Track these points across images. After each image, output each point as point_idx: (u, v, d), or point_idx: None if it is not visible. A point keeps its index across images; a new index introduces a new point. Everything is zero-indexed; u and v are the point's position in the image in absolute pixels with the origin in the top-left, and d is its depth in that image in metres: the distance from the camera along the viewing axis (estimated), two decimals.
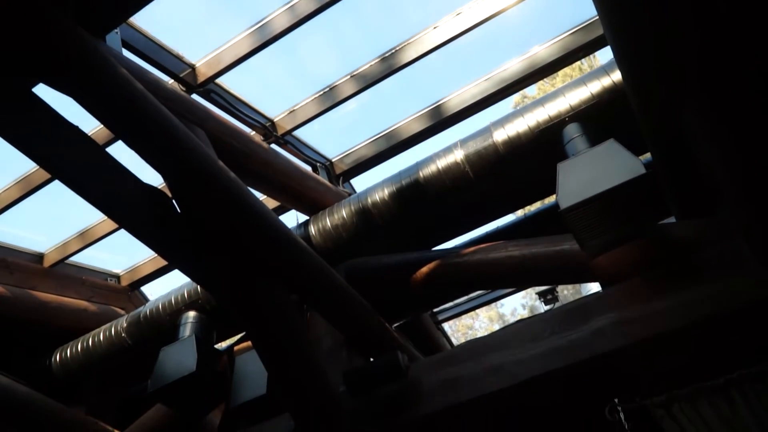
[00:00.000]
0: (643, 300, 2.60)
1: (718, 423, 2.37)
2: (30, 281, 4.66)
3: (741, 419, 2.34)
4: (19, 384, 4.07)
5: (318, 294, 3.14)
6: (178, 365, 3.48)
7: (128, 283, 5.25)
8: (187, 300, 4.02)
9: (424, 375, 2.93)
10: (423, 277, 3.45)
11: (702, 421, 2.38)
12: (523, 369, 2.68)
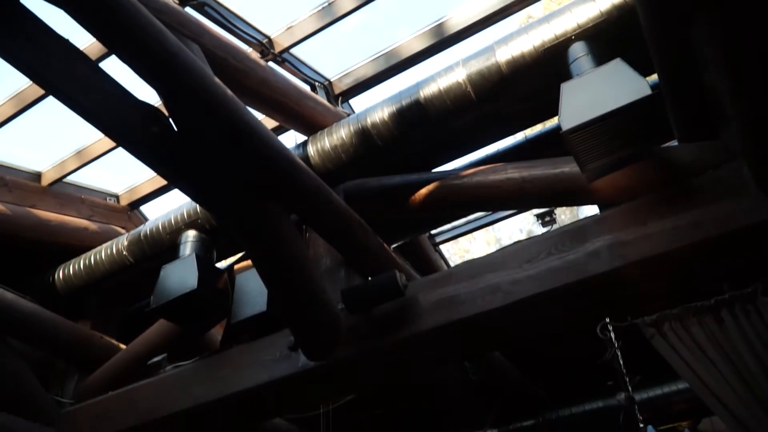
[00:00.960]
0: (640, 223, 2.61)
1: (706, 342, 2.44)
2: (29, 199, 4.67)
3: (729, 339, 2.41)
4: (24, 299, 4.16)
5: (317, 214, 3.15)
6: (179, 283, 3.54)
7: (127, 202, 5.26)
8: (186, 219, 4.04)
9: (421, 294, 2.98)
10: (422, 198, 3.45)
11: (691, 340, 2.45)
12: (519, 288, 2.73)
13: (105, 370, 4.24)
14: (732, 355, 2.36)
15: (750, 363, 2.29)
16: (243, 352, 3.48)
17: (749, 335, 2.33)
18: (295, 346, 3.23)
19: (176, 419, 3.54)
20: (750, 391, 2.27)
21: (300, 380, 3.22)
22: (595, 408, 4.95)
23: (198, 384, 3.51)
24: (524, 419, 5.23)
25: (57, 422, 3.97)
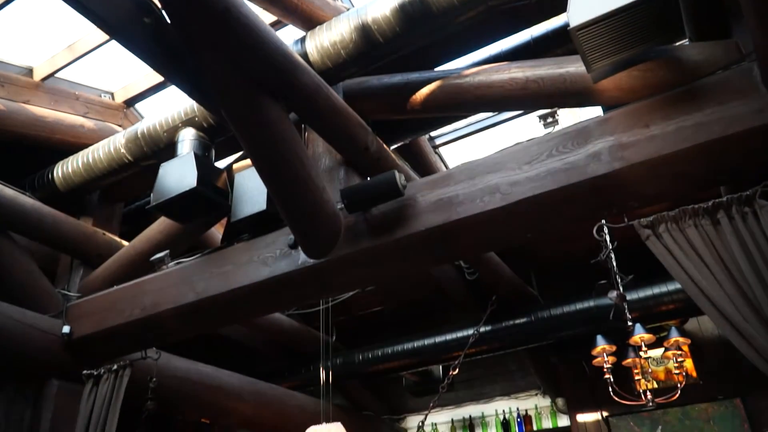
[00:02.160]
0: (643, 124, 2.57)
1: (701, 244, 2.46)
2: (22, 95, 4.58)
3: (724, 241, 2.44)
4: (25, 195, 4.18)
5: (316, 113, 3.10)
6: (178, 181, 3.53)
7: (123, 100, 5.17)
8: (183, 117, 3.97)
9: (420, 194, 2.99)
10: (423, 98, 3.38)
11: (686, 242, 2.47)
12: (517, 190, 2.74)
13: (109, 265, 4.33)
14: (725, 257, 2.39)
15: (743, 265, 2.33)
16: (244, 249, 3.54)
17: (744, 238, 2.35)
18: (295, 244, 3.28)
19: (180, 313, 3.66)
20: (741, 293, 2.32)
21: (299, 277, 3.30)
22: (587, 307, 5.10)
23: (201, 280, 3.60)
24: (517, 317, 5.41)
25: (65, 314, 4.11)
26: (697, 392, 5.66)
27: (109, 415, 3.65)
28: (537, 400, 7.59)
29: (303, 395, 6.53)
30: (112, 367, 3.82)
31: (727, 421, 5.53)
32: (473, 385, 7.84)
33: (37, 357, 3.90)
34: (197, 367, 5.30)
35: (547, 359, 6.21)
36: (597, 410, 6.20)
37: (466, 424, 7.92)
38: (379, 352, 6.14)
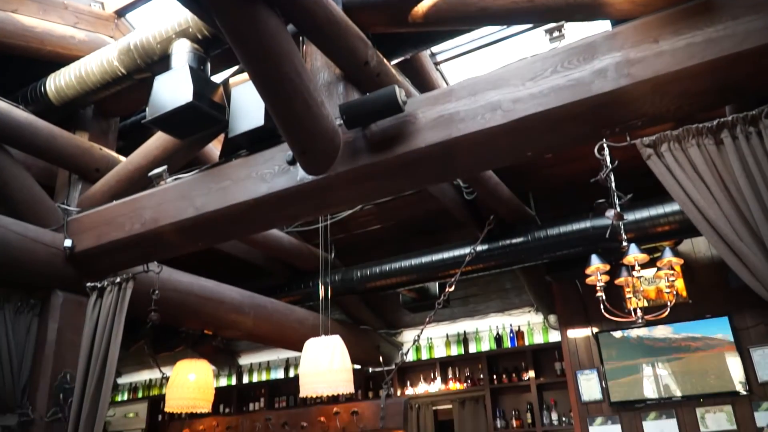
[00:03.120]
0: (652, 40, 2.49)
1: (703, 164, 2.45)
2: (10, 4, 4.40)
3: (726, 161, 2.42)
4: (18, 108, 4.11)
5: (314, 24, 2.99)
6: (174, 95, 3.46)
7: (113, 9, 4.98)
8: (177, 29, 3.84)
9: (420, 110, 2.94)
10: (426, 9, 3.25)
11: (688, 162, 2.46)
12: (520, 107, 2.69)
13: (107, 180, 4.31)
14: (726, 178, 2.38)
15: (742, 185, 2.32)
16: (242, 165, 3.52)
17: (746, 158, 2.34)
18: (293, 160, 3.26)
19: (180, 228, 3.68)
20: (738, 212, 2.33)
21: (298, 194, 3.30)
22: (583, 228, 5.14)
23: (199, 195, 3.60)
24: (514, 237, 5.46)
25: (66, 228, 4.14)
26: (685, 311, 5.82)
27: (114, 326, 3.75)
28: (530, 316, 7.82)
29: (302, 309, 6.71)
30: (115, 280, 3.89)
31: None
32: (468, 302, 8.04)
33: (41, 270, 3.97)
34: (199, 281, 5.41)
35: (542, 278, 6.34)
36: (587, 326, 6.39)
37: (460, 338, 8.18)
38: (377, 269, 6.24)
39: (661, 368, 5.87)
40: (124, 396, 10.70)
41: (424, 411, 8.11)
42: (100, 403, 3.61)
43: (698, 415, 5.62)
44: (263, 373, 9.57)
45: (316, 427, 6.24)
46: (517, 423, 7.34)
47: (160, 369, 5.99)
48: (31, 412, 3.80)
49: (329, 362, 4.72)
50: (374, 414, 5.96)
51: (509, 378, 7.56)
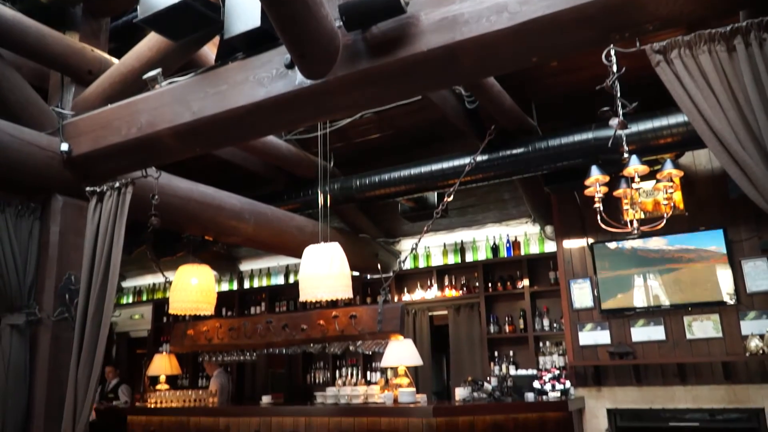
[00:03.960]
0: None
1: (713, 72, 2.38)
2: None
3: (737, 69, 2.35)
4: (4, 5, 3.94)
5: None
6: None
7: None
8: None
9: (423, 11, 2.82)
10: None
11: (697, 69, 2.39)
12: (527, 9, 2.58)
13: (101, 83, 4.21)
14: (735, 86, 2.32)
15: (751, 94, 2.27)
16: (239, 68, 3.43)
17: (758, 66, 2.27)
18: (291, 63, 3.16)
19: (177, 132, 3.63)
20: (745, 122, 2.29)
21: (296, 98, 3.23)
22: (585, 139, 5.10)
23: (196, 99, 3.53)
24: (514, 147, 5.42)
25: (61, 132, 4.09)
26: (681, 223, 5.88)
27: (115, 230, 3.78)
28: (527, 227, 7.91)
29: (302, 217, 6.77)
30: (114, 185, 3.88)
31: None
32: (466, 213, 8.11)
33: (39, 173, 3.95)
34: (198, 187, 5.42)
35: (540, 189, 6.35)
36: (583, 237, 6.48)
37: (457, 247, 8.32)
38: (376, 178, 6.24)
39: (652, 279, 6.00)
40: (129, 299, 11.01)
41: (421, 316, 8.38)
42: (105, 303, 3.70)
43: (685, 322, 5.81)
44: (264, 279, 9.81)
45: (315, 329, 6.45)
46: (509, 328, 7.60)
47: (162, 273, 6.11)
48: (38, 312, 3.91)
49: (328, 268, 4.81)
50: (372, 318, 6.14)
51: (504, 286, 7.76)
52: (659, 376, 5.85)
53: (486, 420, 5.56)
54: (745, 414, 5.41)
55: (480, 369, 7.52)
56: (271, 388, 8.59)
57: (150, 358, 8.60)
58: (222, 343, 7.13)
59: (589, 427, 6.02)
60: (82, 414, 3.65)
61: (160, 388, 7.78)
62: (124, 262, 4.41)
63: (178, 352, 8.12)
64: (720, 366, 5.55)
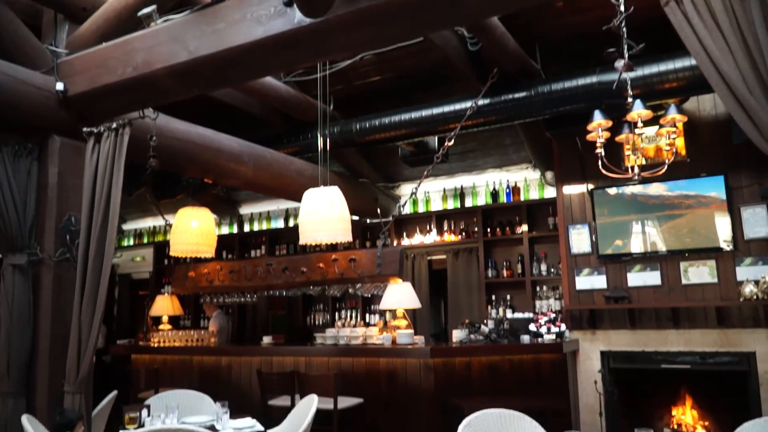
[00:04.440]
0: None
1: (723, 14, 2.32)
2: None
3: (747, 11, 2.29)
4: None
5: None
6: None
7: None
8: None
9: None
10: None
11: (708, 11, 2.33)
12: None
13: (95, 20, 4.11)
14: (744, 27, 2.26)
15: (762, 38, 2.21)
16: (235, 6, 3.34)
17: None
18: (290, 1, 3.08)
19: (173, 72, 3.57)
20: (753, 65, 2.24)
21: (295, 38, 3.16)
22: (589, 83, 5.02)
23: (192, 38, 3.46)
24: (517, 91, 5.34)
25: (56, 71, 4.01)
26: (682, 169, 5.86)
27: (114, 171, 3.77)
28: (527, 173, 7.89)
29: (301, 161, 6.73)
30: (111, 126, 3.84)
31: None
32: (467, 158, 8.07)
33: (35, 113, 3.91)
34: (196, 129, 5.37)
35: (542, 134, 6.29)
36: (583, 183, 6.47)
37: (457, 193, 8.32)
38: (376, 122, 6.18)
39: (650, 225, 6.02)
40: (129, 241, 11.09)
41: (419, 261, 8.46)
42: (106, 244, 3.73)
43: (681, 268, 5.86)
44: (263, 223, 9.85)
45: (315, 272, 6.52)
46: (507, 273, 7.69)
47: (162, 216, 6.14)
48: (40, 252, 3.94)
49: (328, 211, 4.82)
50: (371, 261, 6.20)
51: (503, 231, 7.80)
52: (653, 320, 5.95)
53: (482, 361, 5.69)
54: (736, 357, 5.53)
55: (477, 312, 7.65)
56: (271, 330, 8.76)
57: (152, 300, 8.74)
58: (223, 285, 7.22)
59: (583, 368, 6.17)
60: (86, 353, 3.73)
61: (162, 328, 7.92)
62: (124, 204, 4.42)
63: (180, 293, 8.24)
64: (714, 311, 5.64)
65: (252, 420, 4.12)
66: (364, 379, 5.84)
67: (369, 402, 5.60)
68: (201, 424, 3.76)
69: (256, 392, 5.84)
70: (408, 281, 6.78)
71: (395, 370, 5.75)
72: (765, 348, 5.41)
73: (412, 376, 5.66)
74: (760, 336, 5.44)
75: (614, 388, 6.02)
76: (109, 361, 7.89)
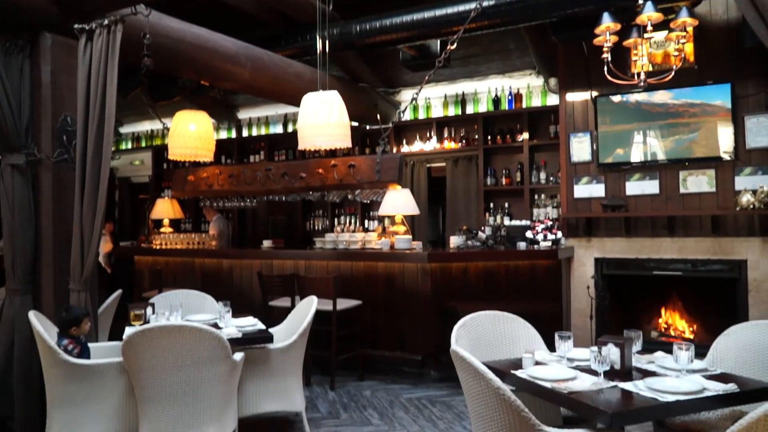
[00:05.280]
0: None
1: None
2: None
3: None
4: None
5: None
6: None
7: None
8: None
9: None
10: None
11: None
12: None
13: None
14: None
15: None
16: None
17: None
18: None
19: None
20: None
21: None
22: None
23: None
24: None
25: None
26: (689, 76, 5.73)
27: (108, 70, 3.68)
28: (530, 79, 7.73)
29: (300, 64, 6.58)
30: (103, 23, 3.71)
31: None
32: (469, 63, 7.88)
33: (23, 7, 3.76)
34: (191, 28, 5.20)
35: (547, 38, 6.10)
36: (587, 90, 6.35)
37: (458, 99, 8.19)
38: (377, 24, 5.98)
39: (652, 134, 5.97)
40: (128, 144, 11.04)
41: (419, 168, 8.46)
42: (104, 145, 3.70)
43: (681, 177, 5.87)
44: (262, 128, 9.76)
45: (314, 178, 6.53)
46: (506, 181, 7.71)
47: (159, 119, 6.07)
48: (37, 152, 3.92)
49: (327, 116, 4.76)
50: (370, 168, 6.19)
51: (503, 139, 7.74)
52: (648, 229, 6.03)
53: (478, 266, 5.82)
54: (728, 265, 5.65)
55: (475, 220, 7.73)
56: (271, 234, 8.88)
57: (152, 203, 8.80)
58: (222, 190, 7.26)
59: (576, 274, 6.32)
60: (89, 252, 3.80)
61: (164, 231, 8.03)
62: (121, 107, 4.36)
63: (180, 197, 8.29)
64: (709, 219, 5.70)
65: (254, 319, 4.27)
66: (362, 283, 6.00)
67: (367, 304, 5.78)
68: (204, 321, 3.89)
69: (257, 294, 6.00)
70: (407, 188, 6.81)
71: (393, 274, 5.89)
72: (756, 256, 5.52)
73: (409, 280, 5.81)
74: (752, 244, 5.54)
75: (606, 293, 6.20)
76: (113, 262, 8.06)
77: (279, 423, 4.36)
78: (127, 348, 3.15)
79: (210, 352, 3.23)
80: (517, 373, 2.69)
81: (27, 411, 3.78)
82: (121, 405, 3.43)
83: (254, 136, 9.75)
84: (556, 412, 2.99)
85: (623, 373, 2.61)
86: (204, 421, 3.30)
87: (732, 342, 3.08)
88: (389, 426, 4.37)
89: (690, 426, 2.69)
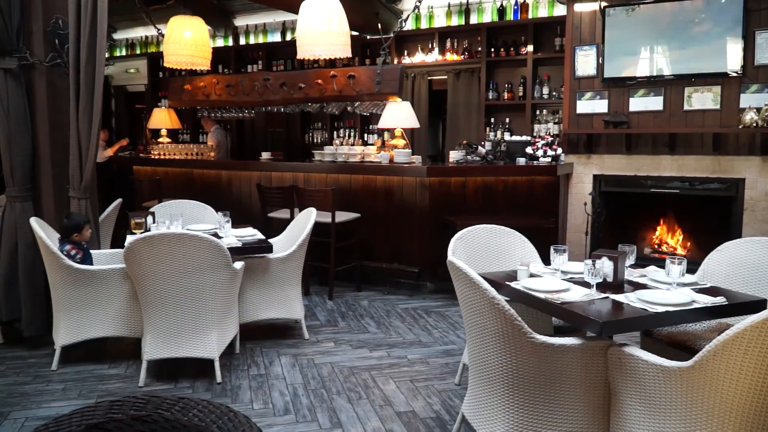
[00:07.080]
0: None
1: None
2: None
3: None
4: None
5: None
6: None
7: None
8: None
9: None
10: None
11: None
12: None
13: None
14: None
15: None
16: None
17: None
18: None
19: None
20: None
21: None
22: None
23: None
24: None
25: None
26: None
27: None
28: None
29: None
30: None
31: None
32: None
33: None
34: None
35: None
36: (596, 0, 6.12)
37: (462, 8, 7.91)
38: None
39: (660, 49, 5.81)
40: (122, 51, 10.74)
41: (419, 81, 8.29)
42: (97, 50, 3.61)
43: (686, 94, 5.76)
44: (260, 36, 9.47)
45: (313, 89, 6.41)
46: (508, 95, 7.57)
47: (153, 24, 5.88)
48: (30, 57, 3.82)
49: (326, 24, 4.62)
50: (370, 79, 6.07)
51: (507, 52, 7.54)
52: (649, 146, 5.99)
53: (477, 181, 5.82)
54: (726, 183, 5.66)
55: (475, 135, 7.66)
56: (270, 146, 8.82)
57: (149, 113, 8.67)
58: (220, 100, 7.14)
59: (574, 191, 6.33)
60: (87, 160, 3.78)
61: (162, 141, 7.96)
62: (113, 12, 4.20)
63: (176, 107, 8.17)
64: (711, 137, 5.66)
65: (253, 229, 4.32)
66: (361, 196, 6.02)
67: (366, 217, 5.83)
68: (205, 231, 3.94)
69: (256, 205, 6.04)
70: (407, 101, 6.70)
71: (392, 187, 5.90)
72: (755, 175, 5.52)
73: (408, 194, 5.83)
74: (752, 163, 5.53)
75: (603, 210, 6.24)
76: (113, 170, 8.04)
77: (279, 329, 4.51)
78: (128, 254, 3.21)
79: (210, 260, 3.29)
80: (511, 285, 2.75)
81: (33, 314, 3.89)
82: (125, 309, 3.53)
83: (252, 45, 9.47)
84: (548, 322, 3.08)
85: (615, 286, 2.68)
86: (206, 326, 3.41)
87: (724, 257, 3.13)
88: (386, 334, 4.52)
89: (676, 337, 2.78)
